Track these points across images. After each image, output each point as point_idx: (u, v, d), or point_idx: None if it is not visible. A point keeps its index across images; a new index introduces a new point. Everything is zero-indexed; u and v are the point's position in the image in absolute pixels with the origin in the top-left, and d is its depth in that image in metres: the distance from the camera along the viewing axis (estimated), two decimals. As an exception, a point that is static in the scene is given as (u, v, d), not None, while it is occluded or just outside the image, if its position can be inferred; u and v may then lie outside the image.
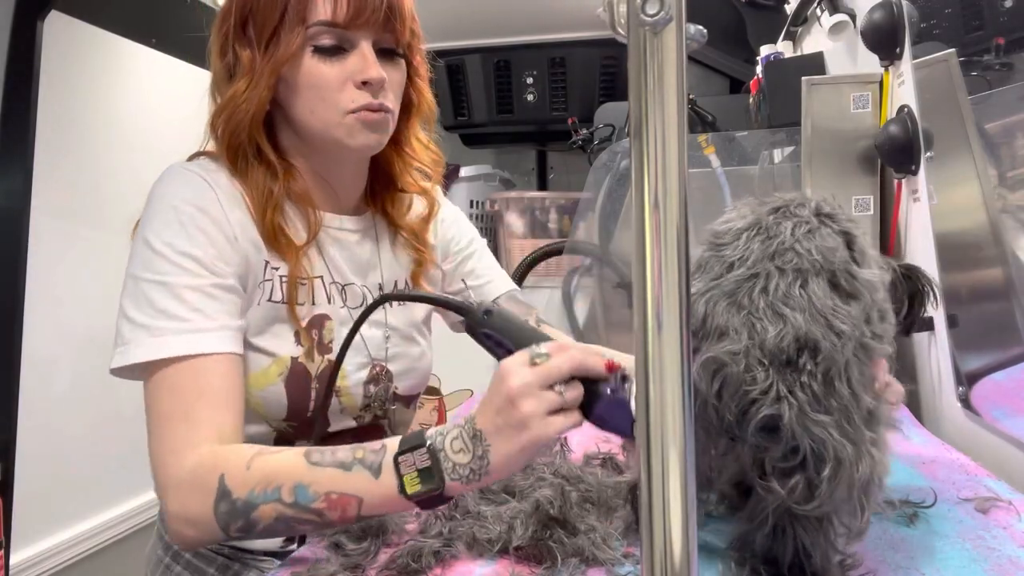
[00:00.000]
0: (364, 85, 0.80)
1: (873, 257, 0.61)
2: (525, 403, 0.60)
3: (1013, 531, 0.66)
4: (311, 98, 0.80)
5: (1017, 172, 1.04)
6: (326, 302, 0.87)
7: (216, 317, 0.75)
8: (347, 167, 0.90)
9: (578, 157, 2.41)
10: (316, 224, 0.86)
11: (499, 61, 2.60)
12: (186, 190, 0.79)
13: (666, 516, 0.39)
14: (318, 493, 0.65)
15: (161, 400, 0.72)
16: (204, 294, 0.75)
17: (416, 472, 0.63)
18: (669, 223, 0.38)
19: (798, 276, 0.55)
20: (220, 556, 0.88)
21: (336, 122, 0.81)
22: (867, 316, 0.56)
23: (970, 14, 1.14)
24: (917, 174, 1.16)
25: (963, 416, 0.98)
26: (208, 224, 0.77)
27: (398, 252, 0.97)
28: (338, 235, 0.90)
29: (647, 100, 0.37)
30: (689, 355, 0.39)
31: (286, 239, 0.83)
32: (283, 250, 0.83)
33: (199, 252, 0.76)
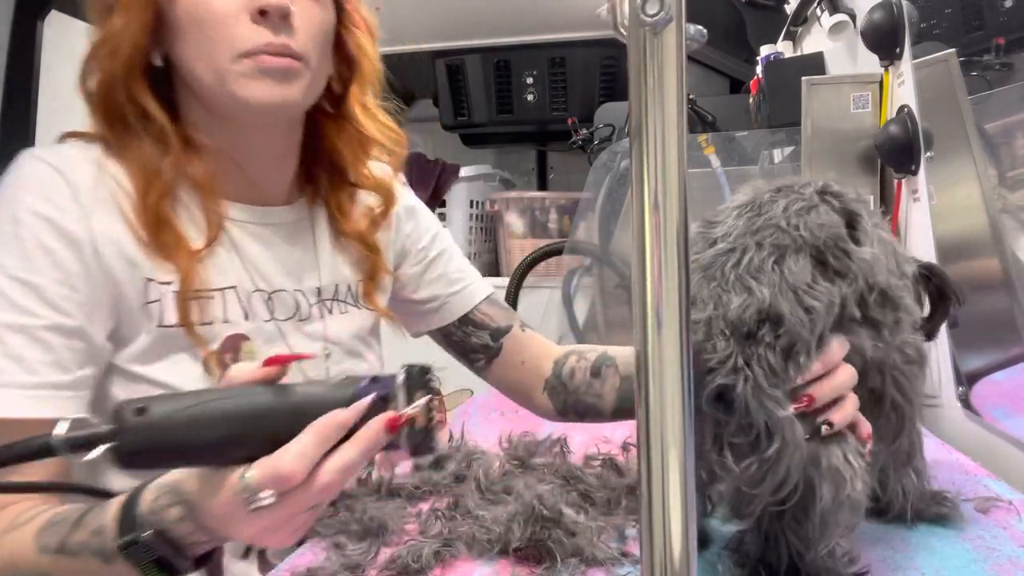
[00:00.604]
0: (262, 16, 0.62)
1: (890, 246, 0.60)
2: (269, 540, 0.52)
3: (1013, 531, 0.66)
4: (196, 37, 0.63)
5: (1017, 172, 1.04)
6: (242, 317, 0.71)
7: (38, 371, 0.60)
8: (259, 138, 0.72)
9: (578, 157, 2.40)
10: (218, 219, 0.69)
11: (499, 61, 2.60)
12: (32, 192, 0.63)
13: (666, 516, 0.39)
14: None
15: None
16: (30, 338, 0.60)
17: (151, 564, 0.53)
18: (669, 223, 0.38)
19: (775, 251, 0.54)
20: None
21: (227, 68, 0.63)
22: (860, 297, 0.55)
23: (970, 14, 1.14)
24: (917, 174, 1.16)
25: (963, 416, 0.98)
26: (55, 241, 0.62)
27: (342, 252, 0.81)
28: (259, 231, 0.74)
29: (647, 100, 0.37)
30: (689, 355, 0.39)
31: (174, 238, 0.66)
32: (171, 254, 0.65)
33: (37, 279, 0.61)
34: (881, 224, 0.61)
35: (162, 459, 0.49)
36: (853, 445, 0.54)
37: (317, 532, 0.70)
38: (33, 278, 0.61)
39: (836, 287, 0.54)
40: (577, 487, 0.76)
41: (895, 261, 0.60)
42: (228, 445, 0.48)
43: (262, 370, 0.50)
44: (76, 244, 0.63)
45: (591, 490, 0.75)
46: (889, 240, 0.61)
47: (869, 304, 0.56)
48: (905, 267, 0.62)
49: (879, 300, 0.56)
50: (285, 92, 0.65)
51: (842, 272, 0.54)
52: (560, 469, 0.81)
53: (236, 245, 0.72)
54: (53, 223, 0.62)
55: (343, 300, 0.81)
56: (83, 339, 0.63)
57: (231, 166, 0.72)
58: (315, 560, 0.64)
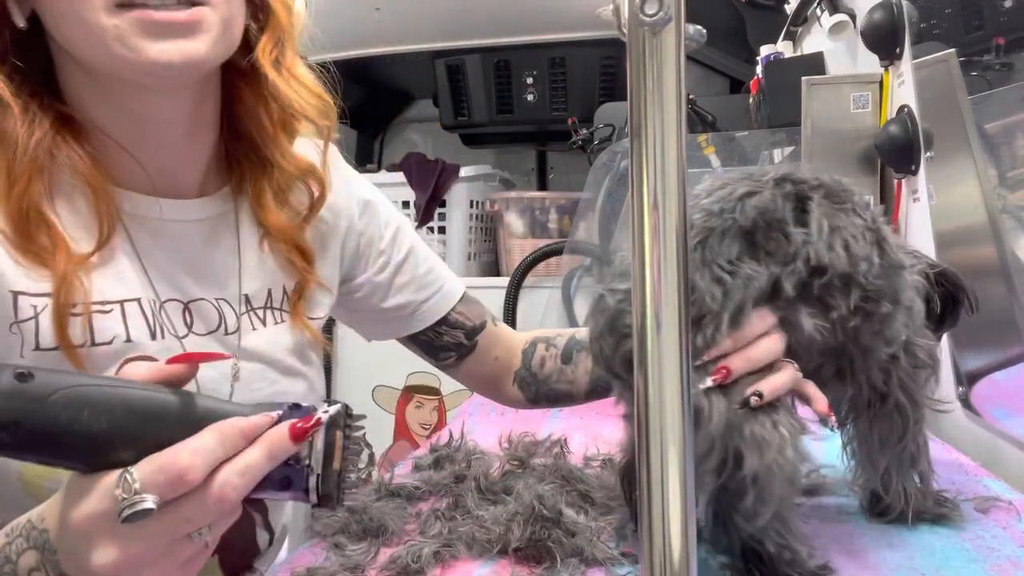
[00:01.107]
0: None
1: (892, 243, 0.61)
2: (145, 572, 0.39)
3: (1013, 531, 0.66)
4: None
5: (1017, 172, 1.04)
6: (148, 336, 0.58)
7: None
8: (159, 111, 0.58)
9: (578, 157, 2.40)
10: (111, 214, 0.56)
11: (499, 61, 2.60)
12: None
13: (665, 516, 0.39)
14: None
15: None
16: None
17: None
18: (669, 223, 0.38)
19: (702, 232, 0.57)
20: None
21: (99, 24, 0.50)
22: (799, 280, 0.56)
23: (970, 14, 1.14)
24: (917, 174, 1.16)
25: (963, 416, 0.98)
26: None
27: (274, 252, 0.68)
28: (169, 228, 0.61)
29: (646, 100, 0.37)
30: (689, 355, 0.39)
31: (50, 238, 0.53)
32: (47, 259, 0.53)
33: None
34: (866, 215, 0.60)
35: (33, 440, 0.38)
36: (785, 415, 0.54)
37: (317, 532, 0.70)
38: None
39: (764, 266, 0.56)
40: (577, 487, 0.76)
41: (880, 251, 0.60)
42: (114, 440, 0.39)
43: (165, 368, 0.42)
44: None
45: (591, 490, 0.75)
46: (871, 229, 0.60)
47: (814, 285, 0.56)
48: (899, 259, 0.62)
49: (834, 283, 0.57)
50: (185, 48, 0.51)
51: (774, 252, 0.56)
52: (560, 469, 0.81)
53: (139, 247, 0.59)
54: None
55: (278, 308, 0.69)
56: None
57: (127, 149, 0.58)
58: (315, 560, 0.64)
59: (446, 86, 2.67)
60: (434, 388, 2.25)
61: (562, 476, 0.79)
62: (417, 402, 2.27)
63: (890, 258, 0.61)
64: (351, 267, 0.78)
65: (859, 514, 0.70)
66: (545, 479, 0.77)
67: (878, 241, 0.60)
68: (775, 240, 0.56)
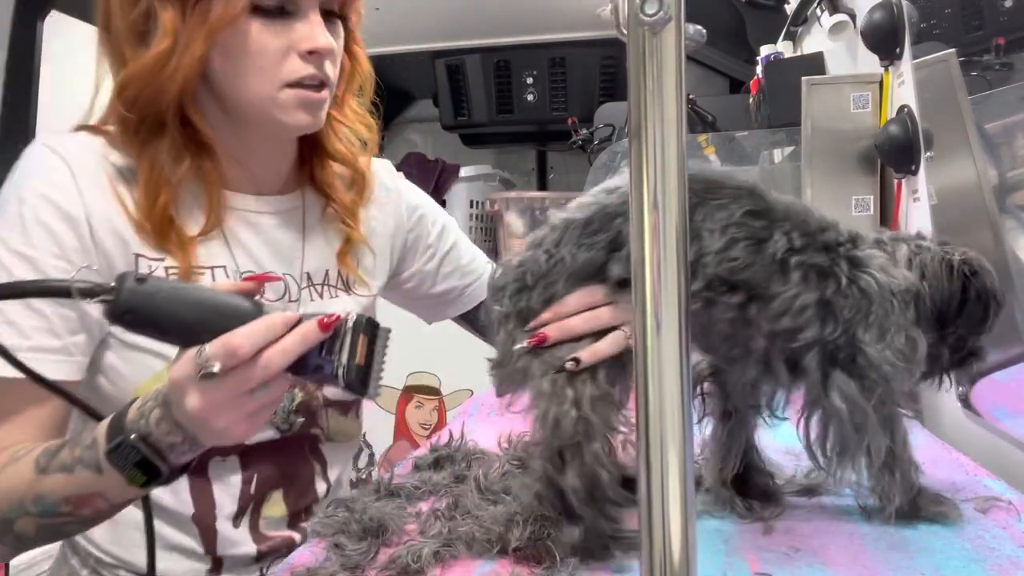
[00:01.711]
0: (309, 55, 0.71)
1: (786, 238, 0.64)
2: (217, 420, 0.55)
3: (1013, 531, 0.66)
4: (246, 68, 0.70)
5: (1017, 172, 1.04)
6: None
7: (31, 336, 0.67)
8: (273, 145, 0.80)
9: (578, 157, 2.40)
10: (219, 210, 0.75)
11: (499, 61, 2.60)
12: (38, 175, 0.70)
13: (665, 516, 0.39)
14: (56, 500, 0.62)
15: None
16: (24, 305, 0.67)
17: (134, 467, 0.59)
18: (668, 223, 0.38)
19: (555, 229, 0.67)
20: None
21: (270, 96, 0.72)
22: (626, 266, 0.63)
23: (970, 14, 1.14)
24: (917, 174, 1.16)
25: (963, 416, 0.98)
26: (54, 219, 0.68)
27: (329, 233, 0.86)
28: (252, 218, 0.80)
29: (646, 100, 0.37)
30: (688, 355, 0.39)
31: (176, 233, 0.73)
32: (169, 242, 0.72)
33: (34, 253, 0.67)
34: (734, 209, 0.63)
35: (143, 323, 0.55)
36: (601, 381, 0.62)
37: (317, 532, 0.70)
38: (30, 252, 0.67)
39: (593, 252, 0.65)
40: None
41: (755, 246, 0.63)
42: (198, 328, 0.55)
43: (240, 284, 0.62)
44: (73, 221, 0.69)
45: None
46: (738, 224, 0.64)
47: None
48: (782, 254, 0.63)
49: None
50: (315, 120, 0.75)
51: (606, 240, 0.65)
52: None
53: (229, 230, 0.78)
54: (53, 202, 0.69)
55: (333, 285, 0.87)
56: (74, 308, 0.69)
57: (235, 161, 0.79)
58: (315, 560, 0.64)
59: (446, 86, 2.67)
60: (434, 388, 2.25)
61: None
62: (417, 402, 2.27)
63: (767, 254, 0.63)
64: (402, 259, 0.96)
65: (859, 514, 0.70)
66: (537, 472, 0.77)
67: (752, 236, 0.62)
68: (607, 231, 0.64)
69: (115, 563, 0.79)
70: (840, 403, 0.64)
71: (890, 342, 0.63)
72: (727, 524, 0.70)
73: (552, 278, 0.66)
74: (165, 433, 0.57)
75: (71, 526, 0.65)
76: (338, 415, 0.87)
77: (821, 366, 0.65)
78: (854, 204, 1.31)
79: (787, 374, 0.67)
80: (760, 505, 0.72)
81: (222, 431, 0.56)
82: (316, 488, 0.87)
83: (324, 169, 0.85)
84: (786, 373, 0.67)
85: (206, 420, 0.55)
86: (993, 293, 0.68)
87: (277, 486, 0.83)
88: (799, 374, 0.66)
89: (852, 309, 0.63)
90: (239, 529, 0.80)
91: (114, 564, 0.79)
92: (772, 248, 0.63)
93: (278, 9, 0.70)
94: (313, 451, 0.87)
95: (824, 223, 0.66)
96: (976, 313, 0.68)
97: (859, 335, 0.63)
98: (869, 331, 0.63)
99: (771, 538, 0.66)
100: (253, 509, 0.81)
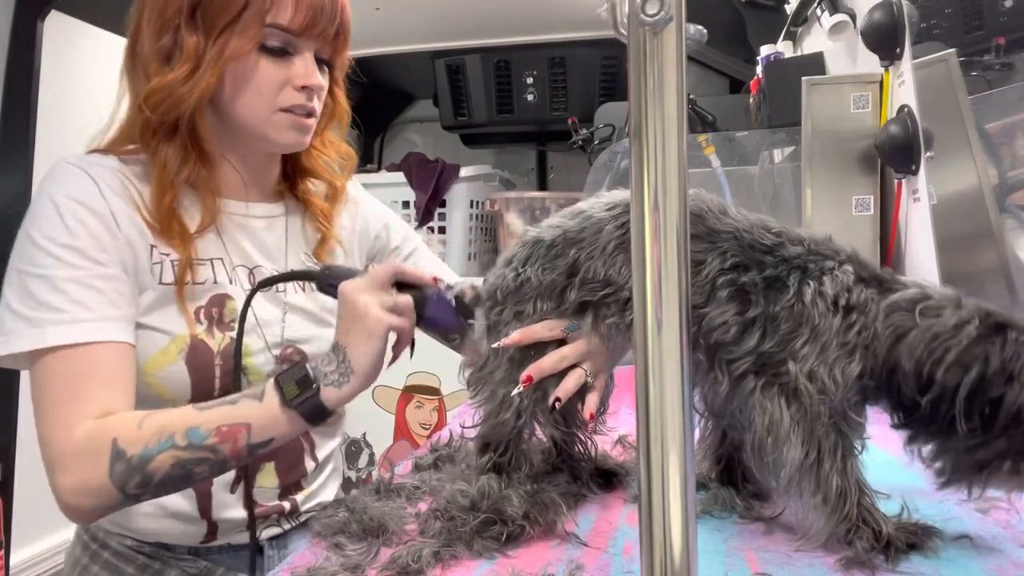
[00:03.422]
0: (303, 89, 0.86)
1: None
2: (360, 299, 0.74)
3: (1013, 531, 0.66)
4: (250, 93, 0.85)
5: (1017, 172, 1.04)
6: (227, 282, 0.89)
7: (96, 308, 0.78)
8: (262, 159, 0.94)
9: (578, 157, 2.40)
10: (213, 211, 0.89)
11: (499, 61, 2.60)
12: (67, 185, 0.82)
13: (666, 516, 0.39)
14: (209, 430, 0.74)
15: (46, 386, 0.76)
16: (85, 286, 0.78)
17: (293, 381, 0.75)
18: (669, 223, 0.38)
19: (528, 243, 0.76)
20: (140, 555, 0.89)
21: (266, 118, 0.86)
22: (582, 290, 0.71)
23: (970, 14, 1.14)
24: (917, 174, 1.16)
25: None
26: (88, 216, 0.80)
27: (308, 234, 1.00)
28: (243, 221, 0.93)
29: (647, 100, 0.37)
30: (689, 355, 0.39)
31: (179, 225, 0.86)
32: (173, 235, 0.85)
33: (79, 243, 0.79)
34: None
35: (334, 288, 0.78)
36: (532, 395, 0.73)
37: (317, 532, 0.70)
38: (76, 243, 0.79)
39: (555, 275, 0.72)
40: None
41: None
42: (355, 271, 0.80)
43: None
44: (102, 217, 0.81)
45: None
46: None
47: (601, 296, 0.71)
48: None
49: (609, 296, 0.71)
50: (301, 139, 0.90)
51: (561, 266, 0.72)
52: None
53: (222, 230, 0.91)
54: (83, 203, 0.81)
55: None
56: (123, 283, 0.82)
57: (231, 171, 0.92)
58: (315, 560, 0.64)
59: (446, 86, 2.67)
60: (434, 388, 2.25)
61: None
62: (417, 402, 2.27)
63: (701, 276, 0.65)
64: (371, 260, 1.10)
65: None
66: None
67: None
68: (564, 256, 0.72)
69: (120, 532, 0.90)
70: (758, 412, 0.64)
71: (826, 358, 0.62)
72: (727, 524, 0.70)
73: (521, 296, 0.73)
74: (326, 363, 0.76)
75: (201, 466, 0.75)
76: None
77: (755, 378, 0.65)
78: (854, 204, 1.31)
79: (729, 385, 0.67)
80: (760, 505, 0.72)
81: (364, 310, 0.74)
82: (305, 465, 0.98)
83: (304, 182, 1.00)
84: (728, 384, 0.67)
85: (354, 299, 0.74)
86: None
87: (269, 459, 0.93)
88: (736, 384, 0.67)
89: (791, 323, 0.64)
90: (234, 495, 0.90)
91: (119, 533, 0.90)
92: (707, 270, 0.66)
93: (281, 49, 0.85)
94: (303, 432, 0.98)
95: (783, 239, 0.66)
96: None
97: (796, 348, 0.63)
98: (808, 344, 0.63)
99: (771, 538, 0.66)
100: (246, 478, 0.90)
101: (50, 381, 0.76)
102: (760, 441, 0.64)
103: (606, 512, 0.74)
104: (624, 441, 0.92)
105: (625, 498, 0.77)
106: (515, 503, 0.67)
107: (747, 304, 0.65)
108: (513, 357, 0.73)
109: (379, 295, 0.75)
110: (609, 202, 0.73)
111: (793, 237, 0.67)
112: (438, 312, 0.78)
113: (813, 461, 0.62)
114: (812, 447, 0.62)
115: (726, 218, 0.67)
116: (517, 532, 0.66)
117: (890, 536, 0.61)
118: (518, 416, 0.73)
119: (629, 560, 0.63)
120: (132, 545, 0.89)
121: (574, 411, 0.76)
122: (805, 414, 0.62)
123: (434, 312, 0.78)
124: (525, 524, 0.66)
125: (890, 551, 0.60)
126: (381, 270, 0.76)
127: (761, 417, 0.64)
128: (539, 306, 0.72)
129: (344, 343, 0.75)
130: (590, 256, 0.70)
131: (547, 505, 0.68)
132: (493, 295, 0.75)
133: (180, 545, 0.90)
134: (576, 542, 0.66)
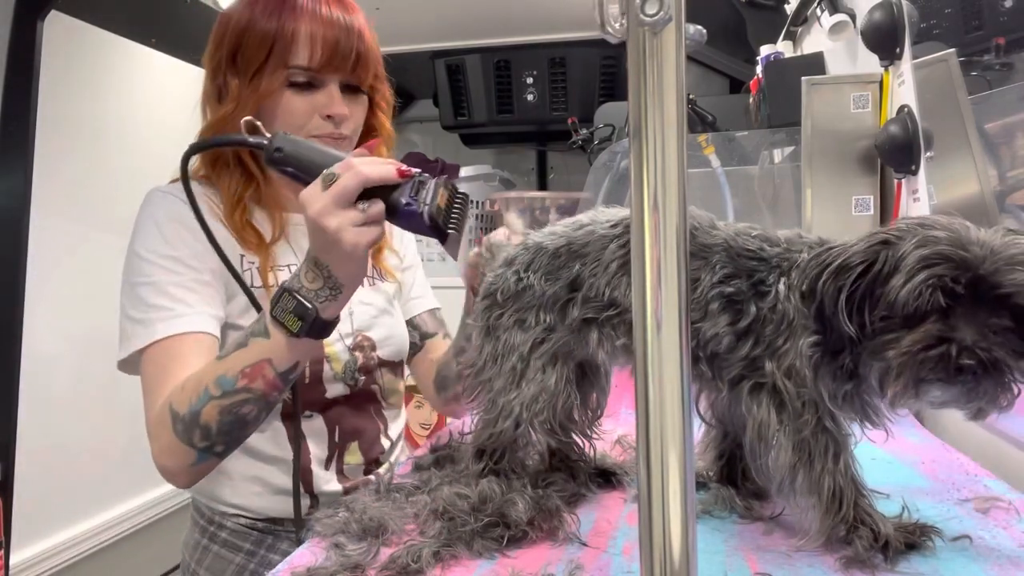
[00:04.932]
0: (328, 118, 0.96)
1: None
2: (329, 222, 0.74)
3: (1013, 531, 0.66)
4: (283, 123, 0.95)
5: (1017, 172, 1.04)
6: None
7: (195, 305, 0.91)
8: None
9: (578, 157, 2.40)
10: (280, 224, 1.02)
11: (499, 61, 2.60)
12: (163, 207, 0.96)
13: (666, 516, 0.39)
14: (235, 374, 0.81)
15: (148, 374, 0.89)
16: (186, 288, 0.92)
17: (290, 314, 0.78)
18: (669, 223, 0.38)
19: (532, 248, 0.76)
20: (254, 531, 1.01)
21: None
22: (585, 307, 0.71)
23: (970, 14, 1.14)
24: (917, 174, 1.16)
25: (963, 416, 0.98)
26: (184, 232, 0.94)
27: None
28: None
29: (646, 100, 0.37)
30: (688, 355, 0.39)
31: (254, 235, 0.98)
32: (251, 246, 0.98)
33: (179, 253, 0.93)
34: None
35: (287, 161, 0.77)
36: None
37: (317, 532, 0.70)
38: (175, 252, 0.93)
39: (557, 287, 0.72)
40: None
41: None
42: (323, 165, 0.75)
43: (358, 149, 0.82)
44: (195, 233, 0.90)
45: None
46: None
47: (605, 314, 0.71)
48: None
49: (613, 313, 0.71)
50: None
51: (568, 279, 0.73)
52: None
53: (292, 240, 1.04)
54: (178, 220, 0.94)
55: (370, 277, 1.13)
56: (215, 288, 0.94)
57: (290, 191, 1.01)
58: (315, 560, 0.64)
59: (446, 86, 2.67)
60: (434, 388, 2.24)
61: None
62: (417, 402, 2.27)
63: (696, 293, 0.66)
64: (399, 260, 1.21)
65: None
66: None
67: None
68: (568, 268, 0.72)
69: (235, 512, 1.01)
70: (748, 415, 0.64)
71: (801, 351, 0.63)
72: (727, 524, 0.70)
73: (522, 303, 0.73)
74: (311, 280, 0.79)
75: (247, 407, 0.82)
76: (389, 374, 1.10)
77: (745, 382, 0.66)
78: (854, 204, 1.31)
79: (727, 393, 0.68)
80: (760, 505, 0.72)
81: (336, 235, 0.73)
82: (382, 443, 1.10)
83: None
84: (727, 392, 0.68)
85: (325, 224, 0.73)
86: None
87: (353, 438, 1.05)
88: (732, 390, 0.67)
89: (774, 323, 0.64)
90: (328, 471, 1.03)
91: (234, 513, 1.01)
92: (701, 287, 0.66)
93: (307, 84, 0.95)
94: (377, 413, 1.10)
95: (766, 242, 0.67)
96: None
97: (777, 346, 0.64)
98: (788, 341, 0.64)
99: (771, 538, 0.66)
100: (338, 456, 1.04)
101: (151, 369, 0.88)
102: (752, 444, 0.65)
103: (606, 512, 0.74)
104: (623, 441, 0.92)
105: (625, 498, 0.77)
106: (520, 508, 0.67)
107: (739, 314, 0.65)
108: (515, 366, 0.73)
109: (348, 213, 0.74)
110: (611, 219, 0.72)
111: (772, 239, 0.67)
112: (410, 222, 0.76)
113: (804, 462, 0.62)
114: (801, 449, 0.62)
115: (715, 231, 0.68)
116: (519, 536, 0.66)
117: (889, 536, 0.61)
118: (516, 426, 0.73)
119: (629, 560, 0.63)
120: (246, 523, 1.01)
121: (572, 420, 0.76)
122: (790, 414, 0.63)
123: (406, 222, 0.76)
124: (528, 530, 0.66)
125: (888, 551, 0.60)
126: (347, 183, 0.73)
127: (751, 420, 0.64)
128: (542, 317, 0.72)
129: (325, 260, 0.78)
130: (593, 273, 0.70)
131: (551, 512, 0.68)
132: (493, 295, 0.75)
133: (288, 519, 0.99)
134: (576, 542, 0.66)
